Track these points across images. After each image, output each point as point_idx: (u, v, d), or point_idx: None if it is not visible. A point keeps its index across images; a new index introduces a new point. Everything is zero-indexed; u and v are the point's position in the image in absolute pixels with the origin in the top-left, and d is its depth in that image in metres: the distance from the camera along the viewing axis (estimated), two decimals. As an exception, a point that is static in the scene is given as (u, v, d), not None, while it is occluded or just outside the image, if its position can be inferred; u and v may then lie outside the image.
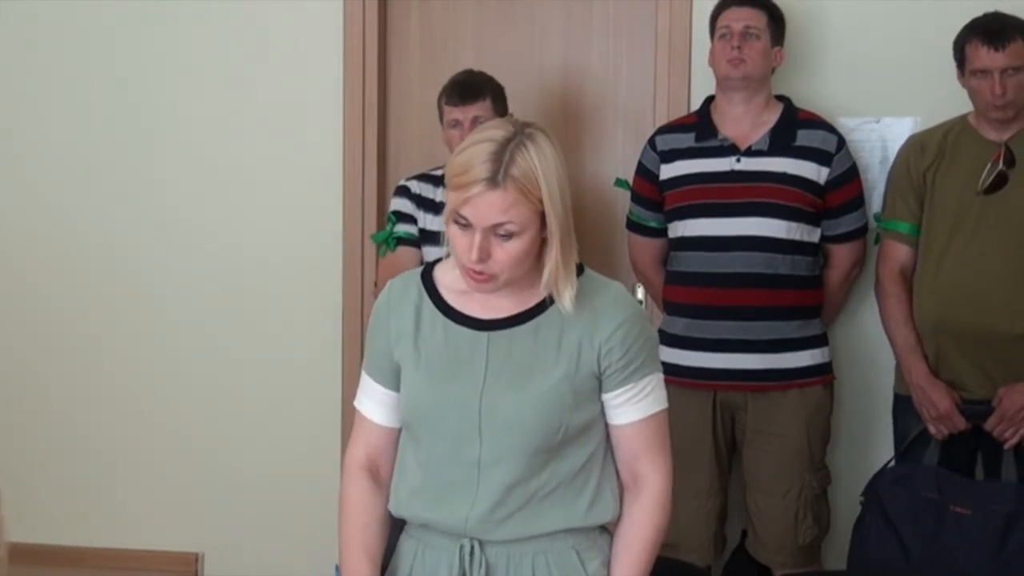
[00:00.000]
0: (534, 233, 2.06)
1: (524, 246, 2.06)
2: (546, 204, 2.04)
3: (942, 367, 3.36)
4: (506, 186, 2.02)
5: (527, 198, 2.03)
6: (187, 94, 4.19)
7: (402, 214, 3.62)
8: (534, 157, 2.03)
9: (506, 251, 2.06)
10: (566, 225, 2.08)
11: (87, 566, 4.28)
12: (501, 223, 2.04)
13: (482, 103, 3.51)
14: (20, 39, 4.29)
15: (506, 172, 2.02)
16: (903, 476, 3.31)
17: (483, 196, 2.02)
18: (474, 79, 3.58)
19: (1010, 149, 3.31)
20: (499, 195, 2.02)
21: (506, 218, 2.03)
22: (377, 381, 2.24)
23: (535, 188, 2.03)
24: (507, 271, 2.08)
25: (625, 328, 2.13)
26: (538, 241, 2.08)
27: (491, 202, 2.02)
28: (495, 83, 3.59)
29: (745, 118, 3.49)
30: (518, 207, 2.03)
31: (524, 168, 2.02)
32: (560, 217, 2.06)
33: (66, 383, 4.32)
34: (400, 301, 2.21)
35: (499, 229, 2.04)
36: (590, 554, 2.18)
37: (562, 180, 2.07)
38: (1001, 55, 3.25)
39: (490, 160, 2.02)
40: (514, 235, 2.05)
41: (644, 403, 2.16)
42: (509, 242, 2.05)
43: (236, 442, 4.22)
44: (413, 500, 2.19)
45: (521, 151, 2.03)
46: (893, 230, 3.47)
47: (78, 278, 4.30)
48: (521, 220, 2.04)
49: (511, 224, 2.04)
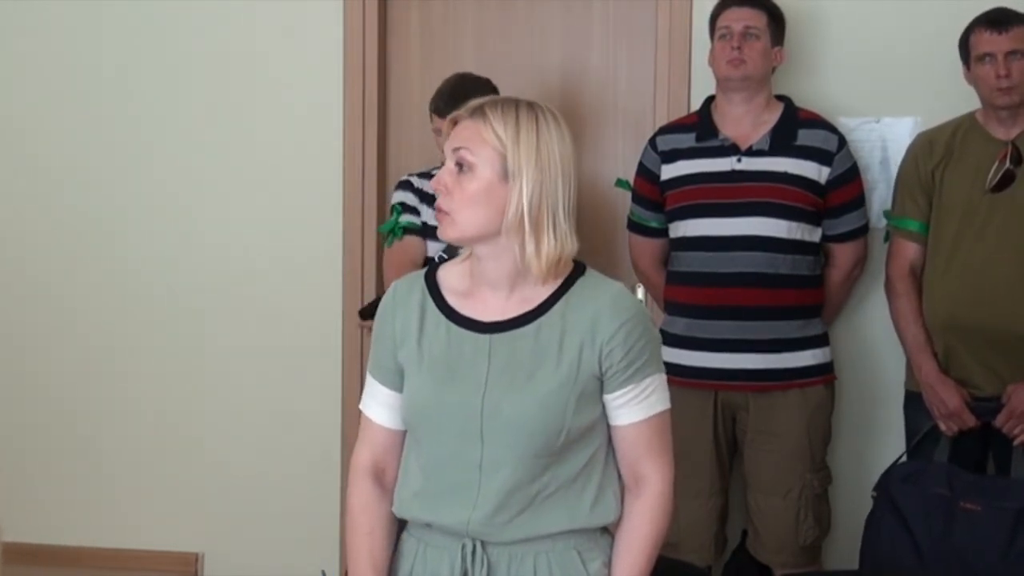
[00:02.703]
0: (490, 176, 2.09)
1: (477, 185, 2.09)
2: (509, 152, 2.08)
3: (951, 365, 3.36)
4: (476, 118, 2.11)
5: (490, 138, 2.09)
6: (187, 94, 4.19)
7: (406, 205, 3.62)
8: (520, 113, 2.10)
9: (460, 186, 2.10)
10: (546, 193, 2.09)
11: (87, 566, 4.28)
12: (458, 148, 2.10)
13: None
14: (20, 40, 4.29)
15: (483, 109, 2.11)
16: (914, 473, 3.31)
17: (459, 124, 2.13)
18: (463, 87, 3.41)
19: (1017, 147, 3.32)
20: (468, 123, 2.12)
21: (463, 144, 2.10)
22: (382, 383, 2.24)
23: (500, 132, 2.08)
24: (461, 211, 2.10)
25: (627, 328, 2.12)
26: (497, 192, 2.09)
27: (460, 128, 2.13)
28: (485, 89, 3.40)
29: (746, 118, 3.49)
30: (478, 140, 2.09)
31: (501, 113, 2.10)
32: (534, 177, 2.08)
33: (66, 383, 4.32)
34: (404, 303, 2.21)
35: (459, 159, 2.10)
36: (591, 554, 2.18)
37: (550, 149, 2.10)
38: (1004, 37, 3.28)
39: (482, 100, 2.15)
40: (470, 169, 2.09)
41: (646, 404, 2.15)
42: (464, 177, 2.10)
43: (236, 442, 4.22)
44: (415, 502, 2.19)
45: (511, 105, 2.12)
46: (902, 228, 3.47)
47: (78, 278, 4.30)
48: (479, 155, 2.09)
49: (466, 151, 2.10)
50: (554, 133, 2.11)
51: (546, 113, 2.13)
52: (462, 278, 2.20)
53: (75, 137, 4.27)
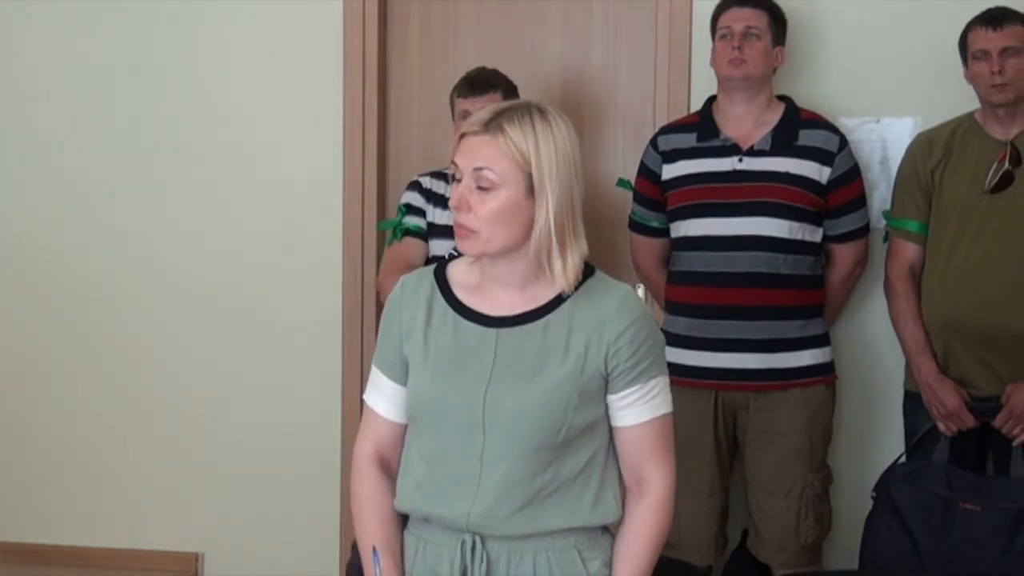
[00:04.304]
0: (515, 195, 2.08)
1: (502, 204, 2.08)
2: (534, 168, 2.07)
3: (950, 365, 3.37)
4: (494, 134, 2.08)
5: (513, 154, 2.07)
6: (187, 94, 4.19)
7: (412, 207, 3.64)
8: (536, 123, 2.08)
9: (484, 204, 2.08)
10: (566, 203, 2.09)
11: (87, 566, 4.28)
12: (480, 168, 2.07)
13: (493, 95, 3.51)
14: (20, 40, 4.28)
15: (499, 123, 2.08)
16: (913, 472, 3.32)
17: (472, 139, 2.09)
18: (486, 74, 3.63)
19: (1016, 148, 3.32)
20: (485, 140, 2.08)
21: (485, 163, 2.07)
22: (386, 375, 2.24)
23: (524, 148, 2.07)
24: (485, 228, 2.09)
25: (634, 329, 2.13)
26: (523, 209, 2.08)
27: (477, 145, 2.09)
28: (508, 80, 3.62)
29: (747, 118, 3.49)
30: (500, 159, 2.07)
31: (519, 126, 2.07)
32: (557, 189, 2.08)
33: (65, 383, 4.31)
34: (413, 296, 2.22)
35: (480, 179, 2.08)
36: (592, 553, 2.19)
37: (567, 158, 2.10)
38: (999, 34, 3.29)
39: (492, 112, 2.10)
40: (493, 188, 2.08)
41: (650, 405, 2.16)
42: (487, 195, 2.08)
43: (236, 442, 4.22)
44: (416, 494, 2.19)
45: (524, 115, 2.09)
46: (902, 228, 3.47)
47: (78, 278, 4.29)
48: (501, 172, 2.07)
49: (489, 171, 2.07)
50: (567, 138, 2.11)
51: (557, 118, 2.12)
52: (472, 273, 2.21)
53: (74, 138, 4.26)
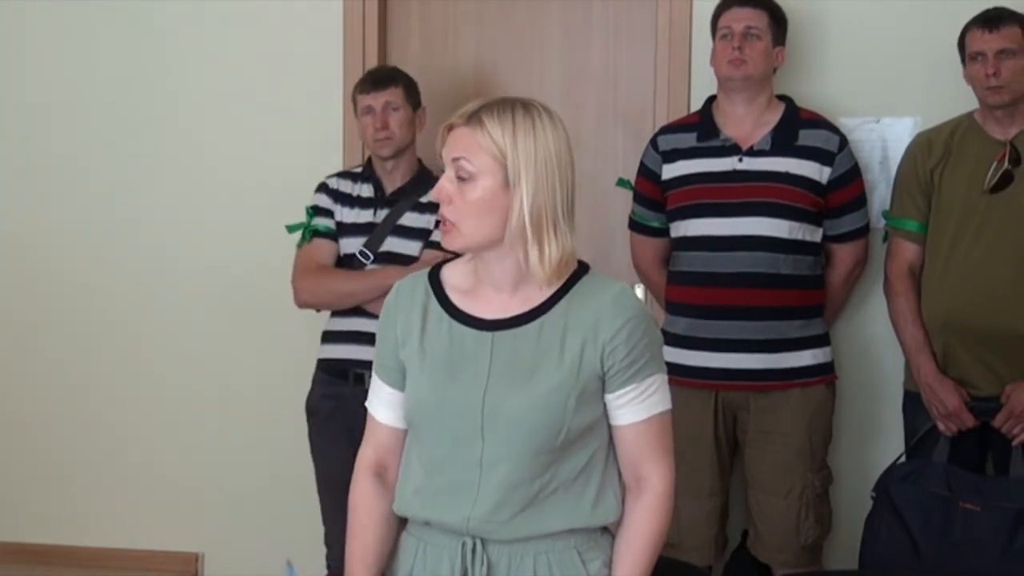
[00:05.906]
0: (492, 185, 2.08)
1: (481, 195, 2.08)
2: (509, 160, 2.06)
3: (950, 365, 3.37)
4: (473, 126, 2.09)
5: (489, 146, 2.07)
6: (187, 93, 4.19)
7: (320, 208, 3.69)
8: (516, 116, 2.09)
9: (464, 195, 2.09)
10: (546, 197, 2.08)
11: (87, 566, 4.28)
12: (458, 158, 2.09)
13: (394, 89, 3.59)
14: (19, 39, 4.29)
15: (479, 115, 2.09)
16: (913, 472, 3.32)
17: (455, 131, 2.11)
18: (386, 69, 3.73)
19: (1015, 148, 3.32)
20: (465, 131, 2.10)
21: (463, 154, 2.08)
22: (385, 381, 2.24)
23: (500, 139, 2.07)
24: (464, 221, 2.09)
25: (629, 328, 2.12)
26: (500, 200, 2.08)
27: (457, 136, 2.10)
28: (407, 75, 3.67)
29: (747, 118, 3.49)
30: (478, 150, 2.07)
31: (498, 118, 2.08)
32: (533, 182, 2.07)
33: (65, 383, 4.31)
34: (408, 301, 2.21)
35: (459, 169, 2.09)
36: (592, 554, 2.18)
37: (548, 152, 2.09)
38: (995, 36, 3.29)
39: (476, 105, 2.11)
40: (471, 179, 2.08)
41: (647, 403, 2.16)
42: (466, 185, 2.09)
43: (236, 442, 4.22)
44: (415, 499, 2.19)
45: (506, 108, 2.10)
46: (901, 228, 3.47)
47: (77, 277, 4.29)
48: (479, 164, 2.08)
49: (466, 162, 2.08)
50: (550, 133, 2.10)
51: (541, 113, 2.12)
52: (465, 276, 2.21)
53: (74, 136, 4.26)
